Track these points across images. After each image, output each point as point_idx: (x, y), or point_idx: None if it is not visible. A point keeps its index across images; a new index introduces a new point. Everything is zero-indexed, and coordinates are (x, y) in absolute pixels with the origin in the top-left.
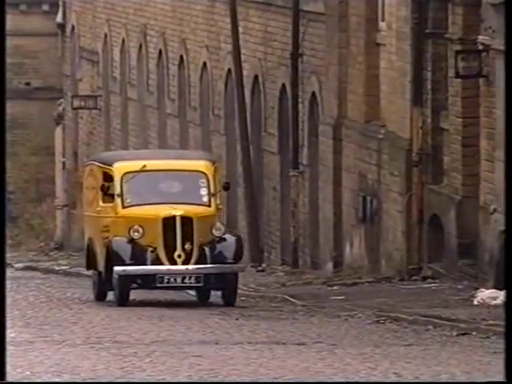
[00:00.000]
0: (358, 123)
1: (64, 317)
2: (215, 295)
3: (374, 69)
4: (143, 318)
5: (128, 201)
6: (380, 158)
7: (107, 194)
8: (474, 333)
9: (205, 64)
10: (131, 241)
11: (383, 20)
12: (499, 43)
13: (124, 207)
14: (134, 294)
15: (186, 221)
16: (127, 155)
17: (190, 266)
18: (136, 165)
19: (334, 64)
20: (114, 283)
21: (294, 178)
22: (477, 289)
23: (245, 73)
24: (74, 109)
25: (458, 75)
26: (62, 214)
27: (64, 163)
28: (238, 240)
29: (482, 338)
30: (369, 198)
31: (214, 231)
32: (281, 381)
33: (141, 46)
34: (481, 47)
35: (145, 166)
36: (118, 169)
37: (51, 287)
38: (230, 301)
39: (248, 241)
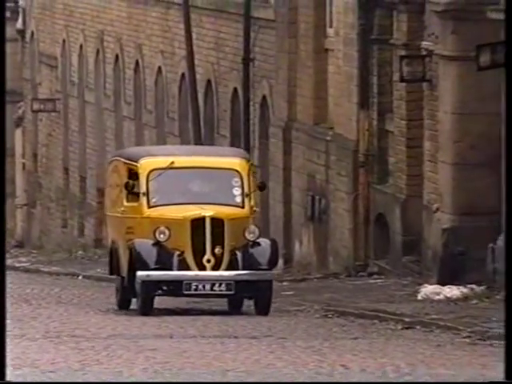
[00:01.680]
0: (307, 125)
1: (24, 312)
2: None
3: (322, 73)
4: (100, 313)
5: (154, 200)
6: (328, 159)
7: (132, 193)
8: (418, 326)
9: (160, 68)
10: (156, 243)
11: (331, 26)
12: (442, 48)
13: (150, 207)
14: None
15: (217, 223)
16: (154, 151)
17: (221, 272)
18: (163, 161)
19: (284, 68)
20: (137, 289)
21: None
22: (420, 284)
23: (198, 77)
24: (33, 111)
25: (402, 79)
26: (21, 213)
27: (24, 164)
28: (274, 244)
29: (425, 332)
30: (317, 198)
31: (247, 234)
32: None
33: (98, 51)
34: (424, 52)
35: (173, 162)
36: (144, 165)
37: (12, 283)
38: (263, 310)
39: None
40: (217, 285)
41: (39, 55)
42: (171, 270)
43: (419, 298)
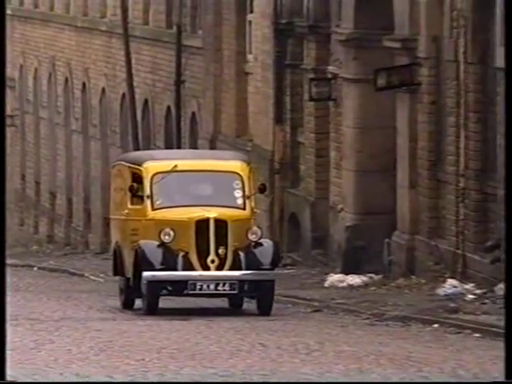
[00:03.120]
0: (230, 138)
1: None
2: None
3: (243, 93)
4: (52, 298)
5: (158, 202)
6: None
7: (136, 196)
8: (325, 310)
9: (103, 89)
10: (161, 244)
11: (250, 53)
12: (345, 72)
13: (154, 209)
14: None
15: (220, 224)
16: (157, 154)
17: (225, 272)
18: (167, 165)
19: (210, 89)
20: (143, 289)
21: None
22: (327, 274)
23: (137, 96)
24: None
25: (311, 99)
26: None
27: None
28: (276, 245)
29: (331, 314)
30: None
31: (249, 235)
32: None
33: (50, 74)
34: (330, 76)
35: (176, 166)
36: (148, 169)
37: None
38: (265, 310)
39: None
40: (221, 284)
41: None
42: (176, 270)
43: (326, 285)
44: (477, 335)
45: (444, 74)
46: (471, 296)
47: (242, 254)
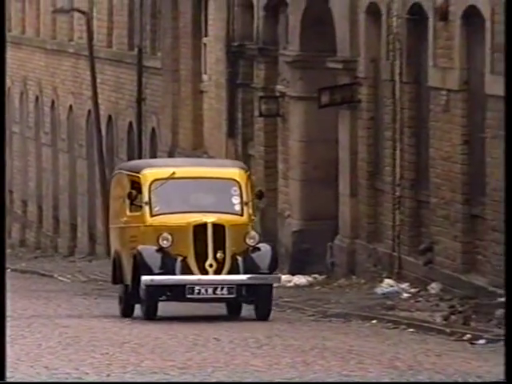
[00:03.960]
0: (187, 150)
1: None
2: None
3: (198, 110)
4: (24, 298)
5: (156, 209)
6: None
7: (134, 203)
8: (274, 307)
9: (71, 106)
10: (160, 249)
11: (205, 73)
12: (291, 91)
13: (152, 216)
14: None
15: (218, 229)
16: (156, 162)
17: (223, 276)
18: (165, 172)
19: (169, 106)
20: (142, 294)
21: None
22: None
23: (101, 113)
24: None
25: (261, 115)
26: None
27: None
28: (273, 249)
29: (280, 311)
30: None
31: (247, 240)
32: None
33: (22, 92)
34: (278, 94)
35: (174, 173)
36: (146, 176)
37: None
38: (264, 314)
39: (104, 238)
40: (219, 289)
41: None
42: (174, 274)
43: (275, 285)
44: (411, 330)
45: (381, 92)
46: (406, 294)
47: (239, 259)
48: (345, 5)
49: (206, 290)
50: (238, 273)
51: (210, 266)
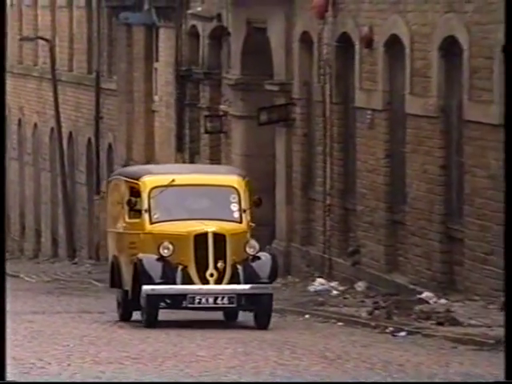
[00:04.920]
0: (140, 163)
1: None
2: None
3: (150, 127)
4: None
5: (156, 216)
6: None
7: (134, 210)
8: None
9: (36, 124)
10: (160, 258)
11: (156, 94)
12: (234, 110)
13: (152, 223)
14: None
15: (219, 238)
16: (155, 169)
17: (224, 286)
18: (164, 179)
19: (124, 124)
20: (142, 303)
21: (97, 201)
22: None
23: (63, 130)
24: None
25: (206, 132)
26: None
27: None
28: (274, 258)
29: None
30: None
31: (247, 249)
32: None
33: None
34: (221, 113)
35: (173, 180)
36: (146, 183)
37: None
38: (263, 323)
39: (65, 242)
40: (219, 298)
41: None
42: (175, 283)
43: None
44: (340, 324)
45: (314, 111)
46: (335, 292)
47: (240, 268)
48: (281, 34)
49: (207, 300)
50: (238, 282)
51: (211, 275)
